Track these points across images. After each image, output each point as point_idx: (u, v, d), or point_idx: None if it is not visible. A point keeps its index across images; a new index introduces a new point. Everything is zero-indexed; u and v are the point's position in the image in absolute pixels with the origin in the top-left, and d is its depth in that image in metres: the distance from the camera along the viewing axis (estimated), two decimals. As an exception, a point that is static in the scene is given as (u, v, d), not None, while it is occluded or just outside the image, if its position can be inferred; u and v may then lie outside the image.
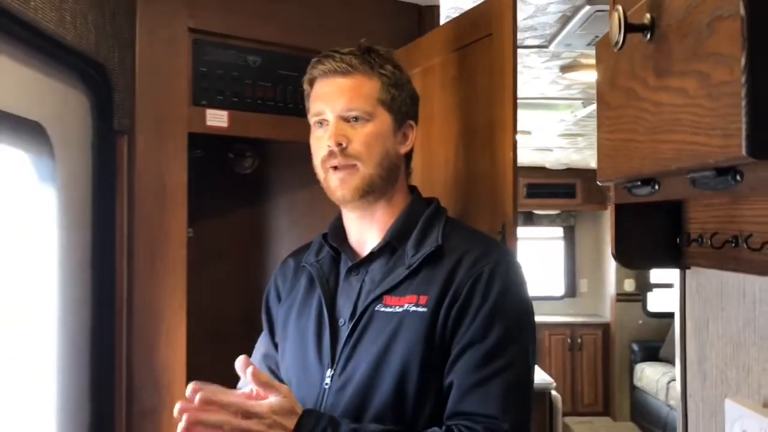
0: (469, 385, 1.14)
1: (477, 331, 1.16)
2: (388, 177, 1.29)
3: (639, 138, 0.71)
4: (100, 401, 1.49)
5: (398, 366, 1.17)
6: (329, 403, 1.22)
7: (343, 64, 1.27)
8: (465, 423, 1.12)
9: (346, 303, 1.29)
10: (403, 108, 1.33)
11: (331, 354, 1.25)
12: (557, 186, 6.90)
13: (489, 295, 1.17)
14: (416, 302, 1.20)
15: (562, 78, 3.32)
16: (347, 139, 1.25)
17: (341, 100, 1.26)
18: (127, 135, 1.58)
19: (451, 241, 1.26)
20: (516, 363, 1.16)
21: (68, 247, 1.39)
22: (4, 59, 1.18)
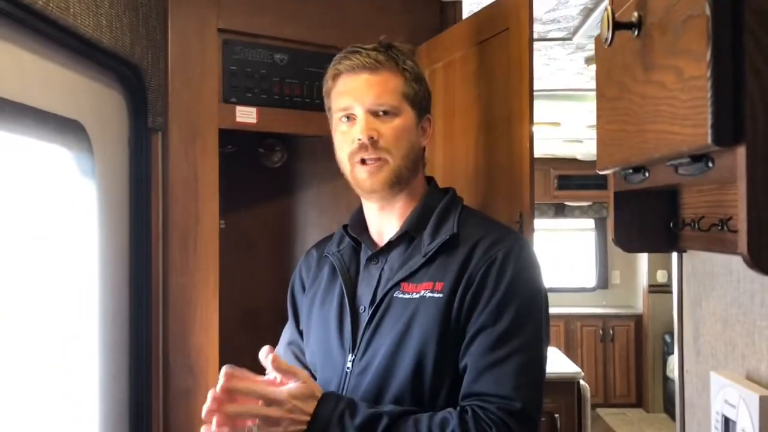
0: (483, 366, 1.18)
1: (490, 314, 1.20)
2: (412, 169, 1.34)
3: (629, 128, 0.76)
4: (138, 383, 1.57)
5: (415, 350, 1.22)
6: (351, 385, 1.27)
7: (370, 60, 1.30)
8: (478, 403, 1.17)
9: (366, 290, 1.34)
10: (423, 102, 1.37)
11: (352, 339, 1.30)
12: (588, 177, 6.84)
13: (502, 279, 1.21)
14: (432, 288, 1.24)
15: (587, 69, 3.33)
16: (378, 133, 1.29)
17: (370, 94, 1.30)
18: (161, 132, 1.66)
19: (467, 229, 1.30)
20: (528, 345, 1.20)
21: (107, 237, 1.48)
22: (48, 63, 1.26)
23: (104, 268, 1.46)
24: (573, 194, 6.97)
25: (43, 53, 1.24)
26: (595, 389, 6.62)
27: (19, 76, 1.17)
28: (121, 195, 1.56)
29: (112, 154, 1.51)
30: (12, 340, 1.21)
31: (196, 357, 1.68)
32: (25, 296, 1.26)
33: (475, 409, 1.16)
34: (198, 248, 1.70)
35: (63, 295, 1.36)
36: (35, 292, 1.29)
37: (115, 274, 1.52)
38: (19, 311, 1.24)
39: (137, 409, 1.56)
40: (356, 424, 1.14)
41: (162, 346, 1.65)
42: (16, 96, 1.13)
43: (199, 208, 1.71)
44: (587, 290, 7.33)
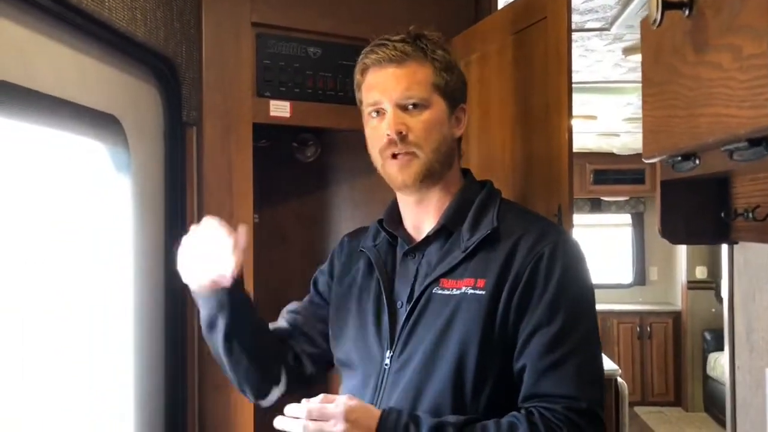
0: (543, 368, 1.16)
1: (543, 314, 1.17)
2: (445, 162, 1.31)
3: (679, 113, 0.72)
4: (174, 377, 1.58)
5: (456, 348, 1.19)
6: (389, 382, 1.25)
7: (396, 52, 1.27)
8: (544, 405, 1.14)
9: (403, 286, 1.31)
10: (456, 92, 1.33)
11: (390, 336, 1.28)
12: (625, 172, 6.73)
13: (551, 277, 1.19)
14: (474, 285, 1.21)
15: (625, 60, 3.26)
16: (407, 127, 1.26)
17: (398, 88, 1.27)
18: (196, 126, 1.66)
19: (507, 223, 1.27)
20: (585, 342, 1.19)
21: (142, 232, 1.48)
22: (83, 57, 1.26)
23: (139, 263, 1.47)
24: (609, 189, 6.86)
25: (79, 47, 1.24)
26: (632, 387, 6.52)
27: (55, 70, 1.17)
28: (155, 190, 1.56)
29: (147, 148, 1.52)
30: (49, 334, 1.22)
31: (231, 351, 1.67)
32: (62, 292, 1.27)
33: (542, 411, 1.14)
34: (232, 243, 1.69)
35: (99, 290, 1.37)
36: (72, 287, 1.29)
37: (150, 269, 1.52)
38: (56, 307, 1.25)
39: (173, 402, 1.57)
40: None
41: (197, 340, 1.65)
42: (52, 90, 1.14)
43: (234, 203, 1.71)
44: (624, 287, 7.21)
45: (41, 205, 1.21)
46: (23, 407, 1.14)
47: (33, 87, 1.08)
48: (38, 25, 1.12)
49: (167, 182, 1.59)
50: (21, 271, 1.14)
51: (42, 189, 1.21)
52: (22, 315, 1.14)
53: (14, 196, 1.11)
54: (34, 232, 1.19)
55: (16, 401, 1.11)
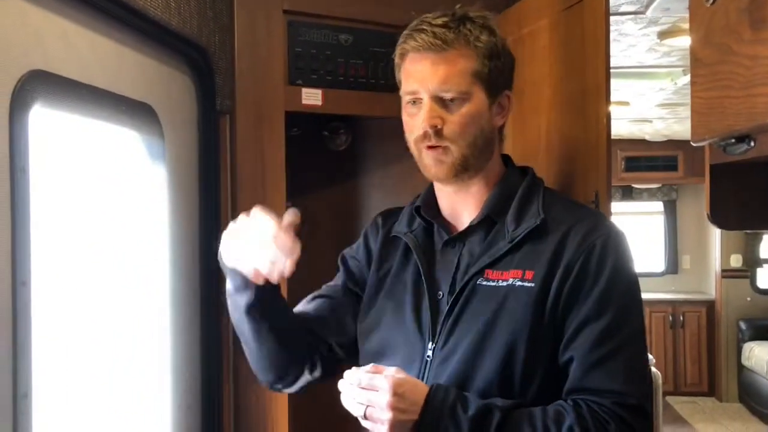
0: (592, 362, 1.15)
1: (593, 307, 1.16)
2: (482, 154, 1.27)
3: (733, 94, 0.70)
4: (209, 368, 1.59)
5: (504, 341, 1.17)
6: (431, 375, 1.22)
7: (436, 40, 1.21)
8: (592, 398, 1.13)
9: (444, 276, 1.28)
10: (499, 79, 1.28)
11: (431, 327, 1.25)
12: (657, 158, 6.61)
13: (602, 270, 1.17)
14: (522, 277, 1.19)
15: (660, 45, 3.19)
16: (442, 121, 1.22)
17: (435, 79, 1.21)
18: (229, 115, 1.66)
19: (553, 213, 1.24)
20: (634, 337, 1.18)
21: (178, 221, 1.49)
22: (119, 46, 1.27)
23: (175, 252, 1.47)
24: (641, 176, 6.74)
25: (115, 37, 1.25)
26: (665, 377, 6.44)
27: (93, 60, 1.18)
28: (190, 178, 1.57)
29: (181, 137, 1.52)
30: (87, 325, 1.23)
31: (266, 340, 1.68)
32: (100, 282, 1.28)
33: (590, 404, 1.13)
34: (266, 231, 1.69)
35: (135, 279, 1.38)
36: (109, 277, 1.30)
37: (185, 258, 1.53)
38: (94, 298, 1.26)
39: (208, 393, 1.58)
40: (470, 416, 1.11)
41: (232, 331, 1.65)
42: (90, 80, 1.14)
43: (267, 191, 1.71)
44: (656, 275, 7.11)
45: (81, 194, 1.22)
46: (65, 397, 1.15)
47: (71, 77, 1.09)
48: (76, 15, 1.12)
49: (201, 171, 1.60)
50: (62, 261, 1.15)
51: (81, 179, 1.22)
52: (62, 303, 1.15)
53: (55, 185, 1.12)
54: (74, 221, 1.19)
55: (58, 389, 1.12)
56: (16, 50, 0.97)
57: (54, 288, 1.11)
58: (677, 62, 3.55)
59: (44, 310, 1.04)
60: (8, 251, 0.94)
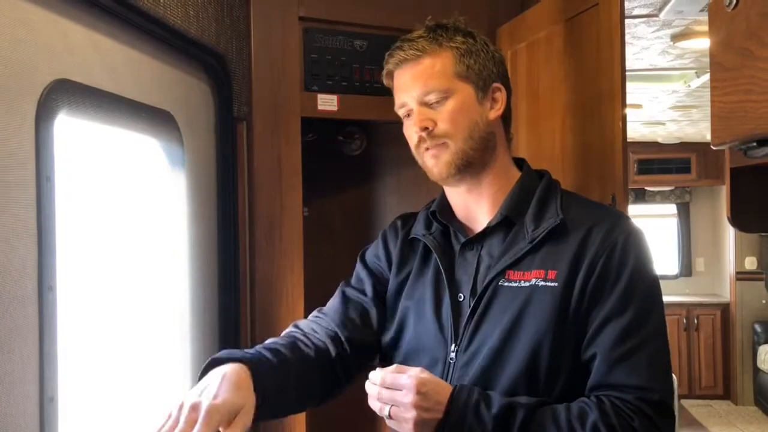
0: (615, 358, 1.15)
1: (616, 304, 1.17)
2: (482, 147, 1.28)
3: (755, 98, 0.70)
4: (228, 369, 1.60)
5: (529, 342, 1.17)
6: (455, 377, 1.22)
7: (411, 51, 1.28)
8: (615, 394, 1.13)
9: (464, 278, 1.28)
10: (483, 73, 1.29)
11: (453, 329, 1.25)
12: (670, 161, 6.60)
13: (625, 267, 1.18)
14: (545, 277, 1.20)
15: (673, 47, 3.19)
16: (432, 122, 1.26)
17: (416, 86, 1.27)
18: (246, 121, 1.68)
19: (572, 213, 1.25)
20: (656, 333, 1.18)
21: (197, 227, 1.51)
22: (139, 55, 1.29)
23: (194, 257, 1.49)
24: (654, 179, 6.72)
25: (135, 45, 1.26)
26: (679, 380, 6.40)
27: (114, 68, 1.19)
28: (208, 184, 1.58)
29: (199, 143, 1.54)
30: (110, 329, 1.25)
31: (283, 344, 1.69)
32: (122, 286, 1.29)
33: (613, 400, 1.13)
34: (283, 236, 1.71)
35: (156, 283, 1.39)
36: (131, 281, 1.32)
37: (204, 262, 1.54)
38: (116, 303, 1.27)
39: (228, 394, 1.59)
40: (494, 414, 1.11)
41: (250, 333, 1.67)
42: (111, 88, 1.16)
43: (284, 197, 1.72)
44: (669, 278, 7.07)
45: (104, 201, 1.24)
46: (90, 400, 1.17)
47: (93, 84, 1.10)
48: (97, 24, 1.14)
49: (219, 176, 1.61)
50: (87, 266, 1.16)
51: (103, 186, 1.24)
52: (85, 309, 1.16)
53: (78, 192, 1.14)
54: (97, 228, 1.21)
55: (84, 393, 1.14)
56: (42, 59, 0.99)
57: (79, 293, 1.12)
58: (690, 64, 3.54)
59: (70, 315, 1.06)
60: (35, 257, 0.95)
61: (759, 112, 0.71)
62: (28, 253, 0.94)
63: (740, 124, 0.75)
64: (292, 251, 1.72)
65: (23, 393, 0.93)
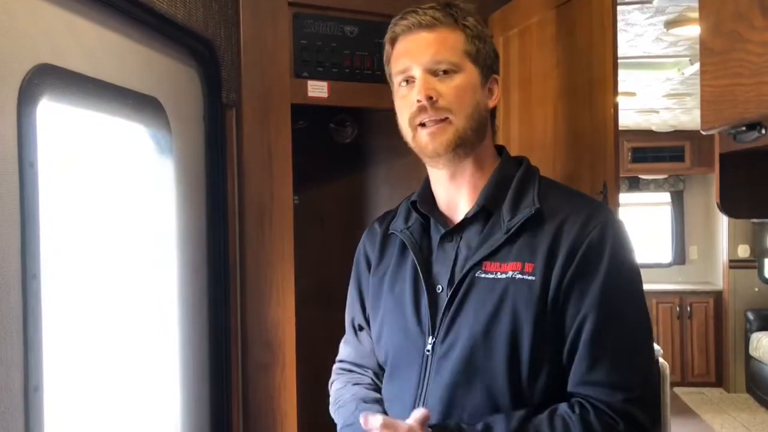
0: (595, 354, 1.13)
1: (594, 299, 1.14)
2: (478, 131, 1.26)
3: (744, 81, 0.70)
4: (218, 358, 1.59)
5: (508, 335, 1.16)
6: (433, 369, 1.22)
7: (427, 17, 1.25)
8: (597, 396, 1.12)
9: (442, 269, 1.27)
10: (488, 61, 1.29)
11: (431, 321, 1.24)
12: (664, 149, 6.59)
13: (602, 259, 1.15)
14: (522, 270, 1.18)
15: (666, 35, 3.18)
16: (437, 93, 1.22)
17: (428, 52, 1.23)
18: (235, 108, 1.66)
19: (549, 202, 1.22)
20: (638, 326, 1.16)
21: (185, 215, 1.49)
22: (125, 40, 1.27)
23: (182, 245, 1.47)
24: (648, 167, 6.71)
25: (121, 30, 1.24)
26: (672, 367, 6.43)
27: (98, 53, 1.18)
28: (197, 172, 1.57)
29: (187, 130, 1.52)
30: (96, 318, 1.24)
31: (273, 332, 1.69)
32: (108, 274, 1.28)
33: (596, 404, 1.12)
34: (273, 224, 1.70)
35: (143, 271, 1.38)
36: (117, 269, 1.31)
37: (193, 251, 1.53)
38: (103, 289, 1.26)
39: (217, 383, 1.59)
40: None
41: (240, 322, 1.66)
42: (95, 73, 1.14)
43: (274, 184, 1.71)
44: (663, 266, 7.09)
45: (89, 188, 1.22)
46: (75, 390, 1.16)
47: (78, 70, 1.09)
48: (82, 8, 1.12)
49: (207, 164, 1.60)
50: (71, 254, 1.15)
51: (89, 172, 1.22)
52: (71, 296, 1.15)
53: (62, 180, 1.12)
54: (82, 215, 1.20)
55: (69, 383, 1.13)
56: (23, 44, 0.97)
57: (63, 281, 1.11)
58: (684, 52, 3.53)
59: (54, 304, 1.05)
60: (18, 244, 0.94)
61: (748, 96, 0.70)
62: (11, 240, 0.93)
63: (729, 108, 0.74)
64: (282, 240, 1.71)
65: (6, 382, 0.92)
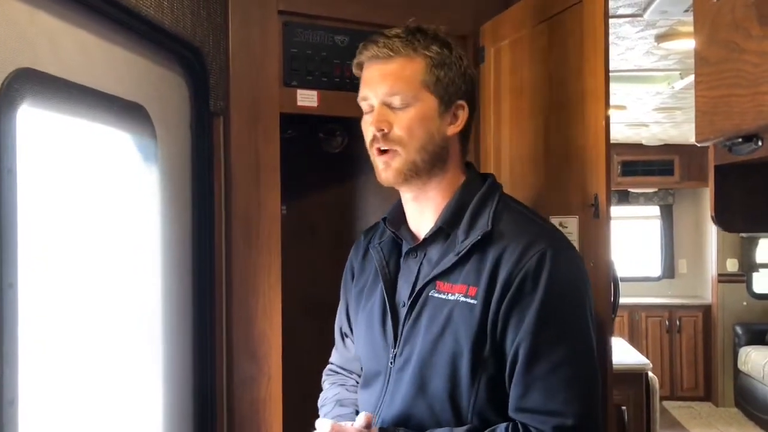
0: (529, 381, 1.15)
1: (530, 326, 1.16)
2: (433, 160, 1.28)
3: (741, 92, 0.68)
4: (202, 370, 1.56)
5: (449, 356, 1.20)
6: (393, 380, 1.28)
7: (384, 50, 1.26)
8: (529, 421, 1.15)
9: (405, 285, 1.32)
10: (450, 88, 1.29)
11: (393, 335, 1.30)
12: (654, 163, 6.62)
13: (537, 289, 1.16)
14: (466, 293, 1.21)
15: (657, 48, 3.19)
16: (389, 125, 1.26)
17: (383, 85, 1.26)
18: (223, 116, 1.64)
19: (500, 225, 1.24)
20: (574, 355, 1.17)
21: (170, 224, 1.47)
22: (110, 46, 1.24)
23: (167, 255, 1.45)
24: (637, 180, 6.75)
25: (106, 35, 1.22)
26: (661, 381, 6.42)
27: (83, 58, 1.15)
28: (183, 181, 1.54)
29: (174, 138, 1.50)
30: (77, 326, 1.21)
31: (260, 344, 1.66)
32: (90, 284, 1.25)
33: (529, 428, 1.15)
34: (261, 234, 1.67)
35: (126, 282, 1.35)
36: (99, 280, 1.28)
37: (178, 261, 1.50)
38: (84, 299, 1.23)
39: (201, 396, 1.56)
40: None
41: (225, 333, 1.63)
42: (80, 79, 1.12)
43: (261, 194, 1.69)
44: (652, 280, 7.11)
45: (71, 196, 1.19)
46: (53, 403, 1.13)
47: (61, 75, 1.06)
48: (66, 13, 1.10)
49: (194, 173, 1.57)
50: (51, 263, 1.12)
51: (72, 180, 1.20)
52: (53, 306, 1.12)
53: (44, 186, 1.10)
54: (64, 224, 1.17)
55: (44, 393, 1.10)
56: (3, 48, 0.95)
57: (42, 291, 1.08)
58: (674, 66, 3.54)
59: (32, 314, 1.02)
60: (-6, 253, 0.91)
61: (744, 107, 0.68)
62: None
63: (725, 120, 0.73)
64: (269, 250, 1.68)
65: (-20, 395, 0.89)
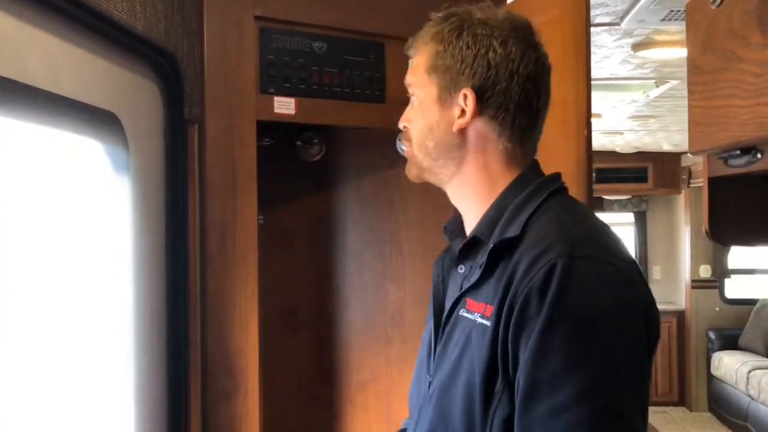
0: (526, 423, 0.94)
1: (532, 354, 0.93)
2: (442, 156, 1.13)
3: (739, 103, 0.66)
4: (176, 386, 1.51)
5: (465, 386, 1.02)
6: (424, 411, 1.13)
7: (410, 42, 1.22)
8: None
9: (448, 304, 1.15)
10: (449, 74, 1.12)
11: (428, 360, 1.17)
12: (628, 170, 6.71)
13: (542, 306, 0.93)
14: (483, 312, 1.03)
15: (633, 57, 3.21)
16: (407, 120, 1.22)
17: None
18: (198, 124, 1.59)
19: (531, 229, 1.04)
20: (590, 390, 0.90)
21: (143, 235, 1.42)
22: (79, 51, 1.20)
23: (139, 268, 1.40)
24: (611, 188, 6.82)
25: (75, 40, 1.17)
26: (636, 387, 6.46)
27: (49, 64, 1.10)
28: (156, 190, 1.50)
29: (147, 147, 1.45)
30: (45, 343, 1.16)
31: (236, 358, 1.61)
32: (57, 299, 1.20)
33: None
34: (236, 245, 1.63)
35: (96, 296, 1.31)
36: (67, 294, 1.23)
37: (150, 274, 1.45)
38: (51, 314, 1.18)
39: (175, 412, 1.50)
40: None
41: (200, 347, 1.58)
42: (47, 85, 1.07)
43: (237, 203, 1.64)
44: (626, 286, 7.16)
45: (36, 207, 1.14)
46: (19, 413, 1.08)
47: (25, 81, 1.01)
48: (31, 15, 1.05)
49: (168, 182, 1.52)
50: (16, 277, 1.07)
51: (37, 191, 1.15)
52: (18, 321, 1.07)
53: (8, 198, 1.05)
54: (29, 236, 1.12)
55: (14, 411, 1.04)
56: (-36, 52, 0.90)
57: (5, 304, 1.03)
58: (650, 74, 3.57)
59: None
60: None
61: (743, 118, 0.66)
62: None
63: (720, 131, 0.71)
64: (245, 261, 1.64)
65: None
